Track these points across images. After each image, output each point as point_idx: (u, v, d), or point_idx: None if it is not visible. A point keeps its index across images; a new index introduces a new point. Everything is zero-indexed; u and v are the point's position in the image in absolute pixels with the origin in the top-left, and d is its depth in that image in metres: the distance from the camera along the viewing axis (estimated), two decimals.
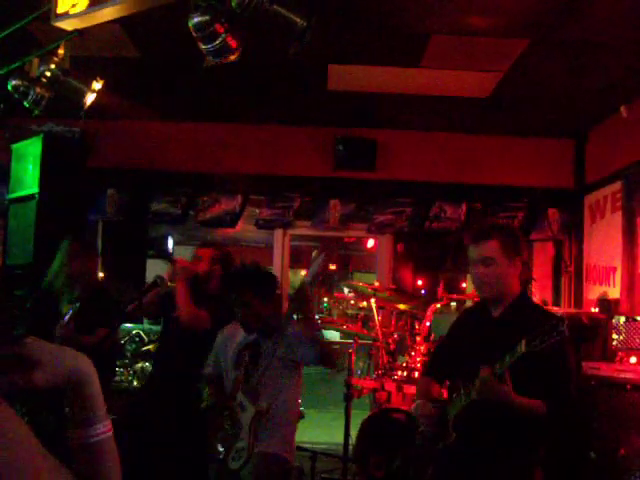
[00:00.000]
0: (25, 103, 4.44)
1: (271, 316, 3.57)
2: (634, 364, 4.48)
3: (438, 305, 5.80)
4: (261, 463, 3.34)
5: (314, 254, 3.43)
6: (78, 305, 3.90)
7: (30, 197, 5.38)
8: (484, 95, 5.96)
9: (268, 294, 3.58)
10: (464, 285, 8.15)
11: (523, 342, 2.48)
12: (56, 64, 4.28)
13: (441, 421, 2.88)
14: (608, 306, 5.82)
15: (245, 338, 3.61)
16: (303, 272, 17.90)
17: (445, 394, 3.09)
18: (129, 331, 6.49)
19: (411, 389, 5.21)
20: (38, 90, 4.34)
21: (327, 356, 3.42)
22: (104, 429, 1.14)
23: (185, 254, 10.53)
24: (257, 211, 7.34)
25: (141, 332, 6.56)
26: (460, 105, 6.31)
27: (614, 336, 4.78)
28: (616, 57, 4.93)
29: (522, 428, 2.71)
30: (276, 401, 3.42)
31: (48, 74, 4.26)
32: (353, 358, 5.66)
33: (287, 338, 3.43)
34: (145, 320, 6.35)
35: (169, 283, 3.90)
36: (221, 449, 3.38)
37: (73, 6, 3.48)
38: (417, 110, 6.56)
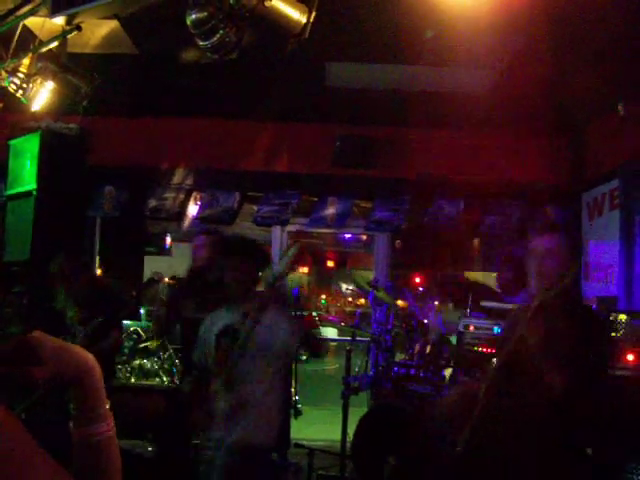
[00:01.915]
0: (23, 99, 4.44)
1: (254, 284, 3.50)
2: (632, 362, 4.48)
3: (436, 302, 5.81)
4: (240, 454, 3.26)
5: (286, 248, 3.43)
6: (99, 320, 3.89)
7: (28, 194, 5.37)
8: (482, 92, 5.96)
9: (255, 260, 3.52)
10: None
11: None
12: (54, 61, 4.28)
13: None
14: (606, 303, 5.83)
15: (224, 324, 3.46)
16: (301, 269, 17.93)
17: None
18: (127, 328, 6.48)
19: (408, 386, 5.22)
20: (36, 86, 4.34)
21: (313, 343, 3.44)
22: (106, 428, 1.14)
23: (183, 251, 10.56)
24: (255, 208, 7.34)
25: (139, 329, 6.57)
26: (458, 102, 6.30)
27: (612, 334, 4.78)
28: (614, 55, 4.94)
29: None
30: (255, 388, 3.31)
31: (46, 70, 4.26)
32: (351, 355, 5.66)
33: (266, 323, 3.33)
34: (143, 317, 6.35)
35: (165, 279, 3.91)
36: (198, 440, 3.33)
37: (71, 2, 3.47)
38: (415, 107, 6.55)
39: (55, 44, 4.26)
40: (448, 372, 5.38)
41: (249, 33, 3.28)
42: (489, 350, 5.11)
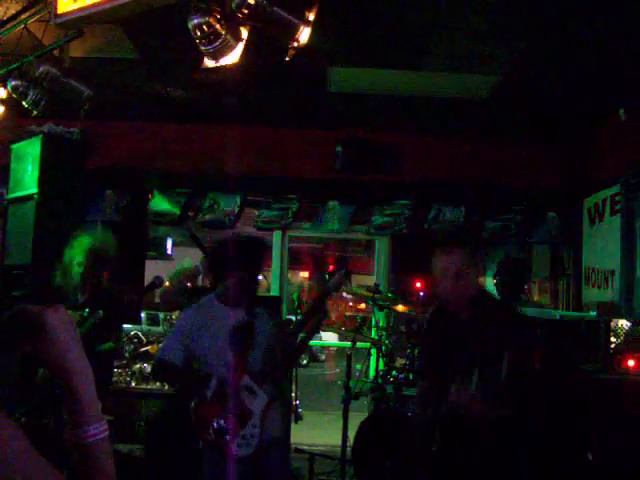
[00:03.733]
0: (24, 103, 4.45)
1: (255, 283, 3.55)
2: (632, 367, 4.48)
3: None
4: (279, 449, 3.37)
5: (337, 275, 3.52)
6: (101, 313, 3.82)
7: (29, 197, 5.37)
8: (483, 97, 5.97)
9: (258, 264, 3.54)
10: None
11: (501, 367, 2.63)
12: (56, 65, 4.29)
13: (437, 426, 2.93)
14: (606, 309, 5.82)
15: (235, 319, 3.40)
16: (302, 274, 17.91)
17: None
18: (128, 332, 6.48)
19: (409, 391, 5.22)
20: (37, 90, 4.35)
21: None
22: (97, 431, 1.14)
23: (184, 255, 10.57)
24: (256, 212, 7.35)
25: (139, 333, 6.56)
26: (459, 107, 6.32)
27: (613, 339, 4.79)
28: (615, 60, 4.95)
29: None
30: (277, 386, 3.39)
31: (48, 74, 4.27)
32: (351, 360, 5.65)
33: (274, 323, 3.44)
34: (143, 321, 6.35)
35: (166, 283, 3.87)
36: (220, 436, 3.21)
37: (73, 6, 3.49)
38: (417, 113, 6.56)
39: (57, 48, 4.28)
40: None
41: (250, 39, 3.29)
42: None
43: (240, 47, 3.28)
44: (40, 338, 1.08)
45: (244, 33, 3.27)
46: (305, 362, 13.05)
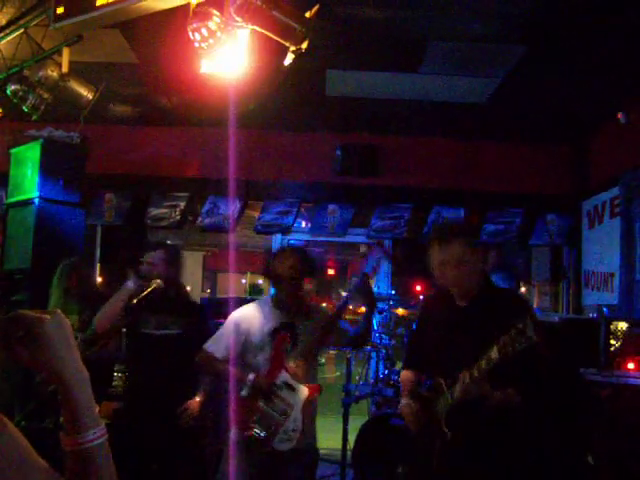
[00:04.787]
0: (24, 108, 4.45)
1: (305, 296, 3.65)
2: (632, 370, 4.48)
3: None
4: (310, 452, 3.45)
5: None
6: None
7: (29, 202, 5.38)
8: (482, 101, 5.98)
9: (309, 274, 3.64)
10: None
11: (495, 349, 2.54)
12: (55, 69, 4.29)
13: (429, 419, 2.91)
14: (606, 312, 5.82)
15: (276, 320, 3.52)
16: None
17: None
18: None
19: None
20: (37, 95, 4.36)
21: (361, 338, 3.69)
22: (95, 436, 1.13)
23: (184, 259, 10.55)
24: (256, 216, 7.35)
25: None
26: (458, 111, 6.32)
27: (612, 342, 4.78)
28: (613, 65, 4.96)
29: (509, 420, 2.78)
30: (314, 383, 3.45)
31: (47, 79, 4.27)
32: (351, 364, 5.65)
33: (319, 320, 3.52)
34: None
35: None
36: (260, 432, 3.26)
37: (73, 11, 3.49)
38: (416, 116, 6.57)
39: (57, 53, 4.28)
40: None
41: (250, 43, 3.29)
42: None
43: (239, 51, 3.28)
44: (36, 344, 1.08)
45: (243, 37, 3.27)
46: None
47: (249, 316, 3.57)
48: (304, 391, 3.35)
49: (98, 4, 3.36)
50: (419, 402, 3.00)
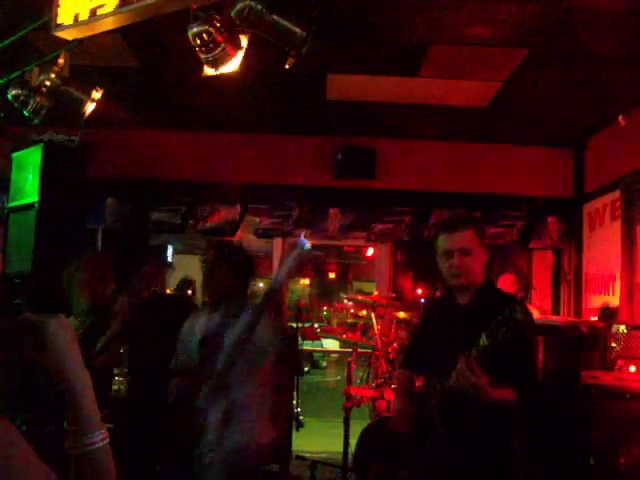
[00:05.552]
0: (25, 112, 4.46)
1: (233, 287, 3.45)
2: (633, 373, 4.48)
3: None
4: (230, 457, 3.18)
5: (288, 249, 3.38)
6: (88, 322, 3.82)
7: (30, 206, 5.38)
8: (483, 104, 5.98)
9: (232, 264, 3.47)
10: None
11: (484, 335, 2.57)
12: (56, 73, 4.30)
13: (423, 418, 2.91)
14: (607, 315, 5.82)
15: (207, 325, 3.41)
16: (302, 281, 17.90)
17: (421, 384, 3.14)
18: None
19: None
20: (38, 99, 4.36)
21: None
22: (97, 439, 1.14)
23: (185, 263, 10.56)
24: (256, 220, 7.35)
25: None
26: (459, 114, 6.33)
27: (613, 345, 4.78)
28: (614, 67, 4.96)
29: (500, 409, 2.76)
30: (244, 389, 3.23)
31: (48, 83, 4.28)
32: (352, 367, 5.64)
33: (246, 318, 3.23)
34: None
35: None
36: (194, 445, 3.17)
37: (74, 16, 3.50)
38: (416, 119, 6.58)
39: (58, 57, 4.28)
40: None
41: (250, 46, 3.30)
42: None
43: (240, 55, 3.29)
44: (41, 347, 1.09)
45: (244, 41, 3.28)
46: (306, 369, 13.03)
47: (189, 323, 3.54)
48: (221, 402, 3.22)
49: (99, 13, 3.37)
50: (414, 401, 3.02)
